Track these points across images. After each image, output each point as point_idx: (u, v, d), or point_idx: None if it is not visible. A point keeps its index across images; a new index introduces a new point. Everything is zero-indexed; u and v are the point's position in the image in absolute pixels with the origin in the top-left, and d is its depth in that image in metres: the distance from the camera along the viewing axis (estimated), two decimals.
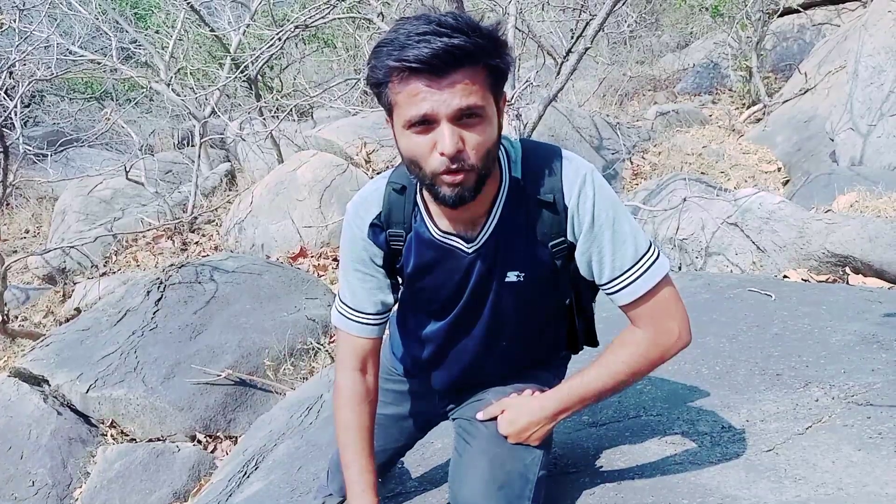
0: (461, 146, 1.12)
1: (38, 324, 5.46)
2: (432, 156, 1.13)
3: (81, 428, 3.54)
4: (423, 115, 1.10)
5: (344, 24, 9.00)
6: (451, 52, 1.06)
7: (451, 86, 1.08)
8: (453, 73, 1.08)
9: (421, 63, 1.06)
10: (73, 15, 7.30)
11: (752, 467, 1.52)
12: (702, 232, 3.99)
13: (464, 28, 1.07)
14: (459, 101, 1.09)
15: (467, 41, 1.06)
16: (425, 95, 1.09)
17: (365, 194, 1.36)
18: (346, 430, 1.43)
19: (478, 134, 1.13)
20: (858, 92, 5.34)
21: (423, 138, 1.12)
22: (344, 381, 1.44)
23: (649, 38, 11.11)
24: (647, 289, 1.26)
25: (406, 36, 1.07)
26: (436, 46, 1.05)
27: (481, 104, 1.11)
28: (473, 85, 1.10)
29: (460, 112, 1.10)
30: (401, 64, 1.07)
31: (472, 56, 1.08)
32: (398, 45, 1.08)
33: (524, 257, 1.31)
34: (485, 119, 1.13)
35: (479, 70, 1.10)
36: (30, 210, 8.14)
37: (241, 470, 2.64)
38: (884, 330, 2.13)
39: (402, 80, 1.09)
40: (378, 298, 1.40)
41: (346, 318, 1.42)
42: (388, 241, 1.35)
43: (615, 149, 6.39)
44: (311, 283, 4.49)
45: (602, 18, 4.12)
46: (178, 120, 9.69)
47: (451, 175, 1.14)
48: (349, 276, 1.40)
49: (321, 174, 5.66)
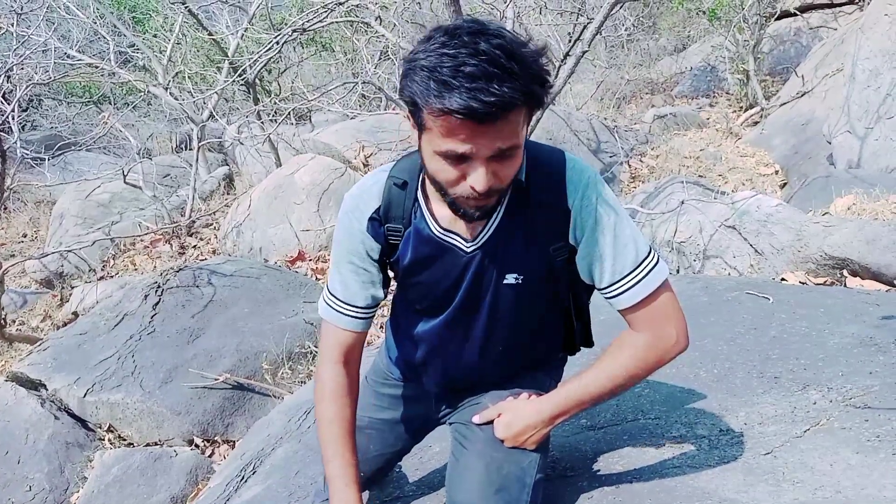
0: (493, 182, 1.11)
1: (36, 328, 5.45)
2: (461, 184, 1.12)
3: (79, 432, 3.52)
4: (461, 154, 1.07)
5: (342, 28, 9.00)
6: (499, 106, 1.00)
7: (496, 132, 1.05)
8: (499, 121, 1.03)
9: (467, 116, 1.00)
10: (70, 19, 7.31)
11: (750, 470, 1.52)
12: (700, 235, 4.00)
13: (516, 71, 1.00)
14: (500, 144, 1.07)
15: (519, 91, 1.01)
16: (465, 138, 1.05)
17: (364, 187, 1.34)
18: (328, 423, 1.42)
19: (509, 166, 1.12)
20: (855, 95, 5.35)
21: (454, 168, 1.10)
22: (326, 373, 1.43)
23: (647, 41, 11.13)
24: (646, 293, 1.26)
25: (451, 70, 0.99)
26: (487, 101, 0.99)
27: (518, 143, 1.10)
28: (514, 126, 1.07)
29: (499, 152, 1.08)
30: (444, 108, 1.01)
31: (519, 104, 1.03)
32: (441, 81, 1.00)
33: (524, 259, 1.31)
34: (518, 151, 1.12)
35: (520, 110, 1.06)
36: (27, 214, 8.13)
37: (238, 474, 2.63)
38: (881, 332, 2.13)
39: (443, 115, 1.03)
40: (369, 292, 1.39)
41: (335, 311, 1.40)
42: (387, 235, 1.34)
43: (613, 152, 6.40)
44: (309, 287, 4.48)
45: (599, 22, 4.13)
46: (176, 124, 9.70)
47: (477, 200, 1.14)
48: (342, 268, 1.38)
49: (319, 178, 5.66)
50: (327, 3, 5.99)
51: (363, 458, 1.66)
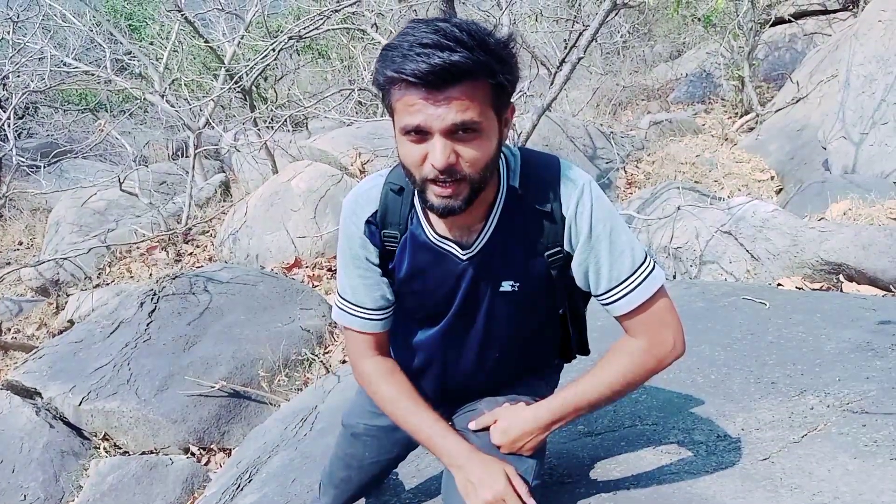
0: (453, 160, 1.11)
1: (31, 336, 5.43)
2: (424, 164, 1.13)
3: (74, 441, 3.51)
4: (417, 125, 1.10)
5: (338, 35, 9.03)
6: (448, 70, 1.05)
7: (447, 101, 1.07)
8: (450, 89, 1.07)
9: (417, 78, 1.05)
10: (67, 27, 7.32)
11: (747, 476, 1.52)
12: (696, 240, 4.00)
13: (468, 42, 1.05)
14: (454, 116, 1.08)
15: (467, 58, 1.05)
16: (420, 108, 1.08)
17: (361, 191, 1.35)
18: (395, 402, 1.40)
19: (473, 148, 1.12)
20: (850, 101, 5.37)
21: (417, 147, 1.12)
22: (366, 366, 1.43)
23: (642, 48, 11.18)
24: (643, 299, 1.26)
25: (409, 45, 1.06)
26: (433, 62, 1.04)
27: (478, 119, 1.10)
28: (471, 101, 1.08)
29: (454, 127, 1.09)
30: (399, 76, 1.07)
31: (471, 73, 1.07)
32: (400, 54, 1.07)
33: (520, 267, 1.31)
34: (481, 134, 1.12)
35: (479, 85, 1.09)
36: (23, 222, 8.11)
37: (234, 482, 2.62)
38: (878, 337, 2.13)
39: (401, 89, 1.09)
40: (378, 294, 1.38)
41: (348, 314, 1.41)
42: (383, 240, 1.34)
43: (609, 158, 6.41)
44: (305, 294, 4.47)
45: (595, 29, 4.14)
46: (173, 131, 9.70)
47: (441, 187, 1.14)
48: (349, 273, 1.38)
49: (316, 184, 5.65)
50: (323, 11, 6.01)
51: (359, 465, 1.65)
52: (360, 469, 1.66)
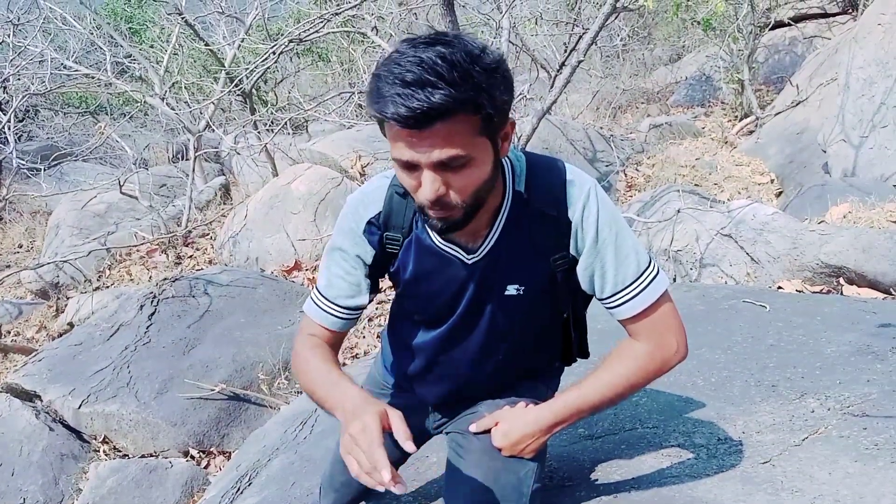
0: (443, 192, 1.10)
1: (31, 339, 5.42)
2: (418, 193, 1.13)
3: (73, 444, 3.50)
4: (406, 161, 1.09)
5: (338, 39, 9.04)
6: (426, 113, 1.01)
7: (432, 140, 1.05)
8: (433, 127, 1.04)
9: (398, 122, 1.03)
10: (67, 30, 7.33)
11: (748, 479, 1.52)
12: (696, 243, 4.00)
13: (449, 78, 1.01)
14: (439, 154, 1.06)
15: (447, 97, 1.01)
16: (405, 145, 1.07)
17: (367, 191, 1.34)
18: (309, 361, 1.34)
19: (463, 178, 1.11)
20: (850, 104, 5.38)
21: (410, 175, 1.12)
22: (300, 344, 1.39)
23: (642, 51, 11.20)
24: (648, 304, 1.27)
25: (392, 82, 1.02)
26: (412, 106, 1.01)
27: (463, 153, 1.08)
28: (456, 135, 1.06)
29: (441, 163, 1.08)
30: (380, 114, 1.05)
31: (453, 111, 1.03)
32: (380, 90, 1.04)
33: (525, 271, 1.31)
34: (472, 162, 1.10)
35: (463, 119, 1.05)
36: (23, 224, 8.11)
37: (234, 486, 2.62)
38: (878, 340, 2.13)
39: (388, 123, 1.07)
40: (353, 292, 1.37)
41: (317, 307, 1.39)
42: (384, 243, 1.33)
43: (609, 161, 6.42)
44: (305, 297, 4.44)
45: (595, 32, 4.15)
46: (173, 134, 9.70)
47: (435, 211, 1.14)
48: (332, 266, 1.37)
49: (316, 187, 5.66)
50: (324, 14, 6.02)
51: None
52: None
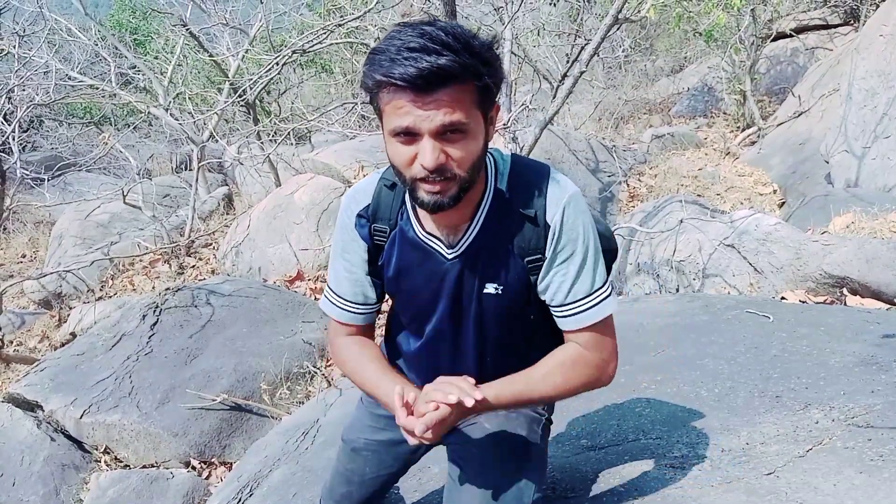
0: (443, 160, 1.14)
1: (33, 349, 5.42)
2: (414, 164, 1.15)
3: (75, 454, 3.49)
4: (406, 127, 1.12)
5: (341, 50, 9.09)
6: (436, 73, 1.07)
7: (436, 103, 1.10)
8: (438, 92, 1.09)
9: (406, 82, 1.08)
10: (72, 41, 7.36)
11: (752, 491, 1.50)
12: (699, 253, 4.00)
13: (454, 46, 1.08)
14: (442, 118, 1.10)
15: (454, 61, 1.07)
16: (409, 110, 1.11)
17: (359, 187, 1.39)
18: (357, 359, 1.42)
19: (460, 148, 1.15)
20: (852, 114, 5.38)
21: (406, 147, 1.15)
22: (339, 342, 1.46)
23: (644, 62, 11.23)
24: (593, 321, 1.30)
25: (397, 49, 1.08)
26: (421, 66, 1.06)
27: (465, 121, 1.13)
28: (458, 102, 1.11)
29: (443, 128, 1.11)
30: (387, 79, 1.09)
31: (457, 76, 1.09)
32: (388, 58, 1.09)
33: (502, 270, 1.32)
34: (468, 134, 1.15)
35: (465, 88, 1.11)
36: (27, 234, 8.13)
37: (235, 496, 2.61)
38: (882, 351, 2.12)
39: (389, 92, 1.11)
40: (359, 290, 1.42)
41: (332, 304, 1.45)
42: (372, 235, 1.37)
43: (611, 171, 6.42)
44: (307, 307, 4.47)
45: (597, 43, 4.16)
46: (176, 144, 9.73)
47: (430, 184, 1.16)
48: (336, 264, 1.43)
49: (318, 197, 5.67)
50: (327, 25, 6.04)
51: (360, 480, 1.64)
52: (360, 484, 1.65)
